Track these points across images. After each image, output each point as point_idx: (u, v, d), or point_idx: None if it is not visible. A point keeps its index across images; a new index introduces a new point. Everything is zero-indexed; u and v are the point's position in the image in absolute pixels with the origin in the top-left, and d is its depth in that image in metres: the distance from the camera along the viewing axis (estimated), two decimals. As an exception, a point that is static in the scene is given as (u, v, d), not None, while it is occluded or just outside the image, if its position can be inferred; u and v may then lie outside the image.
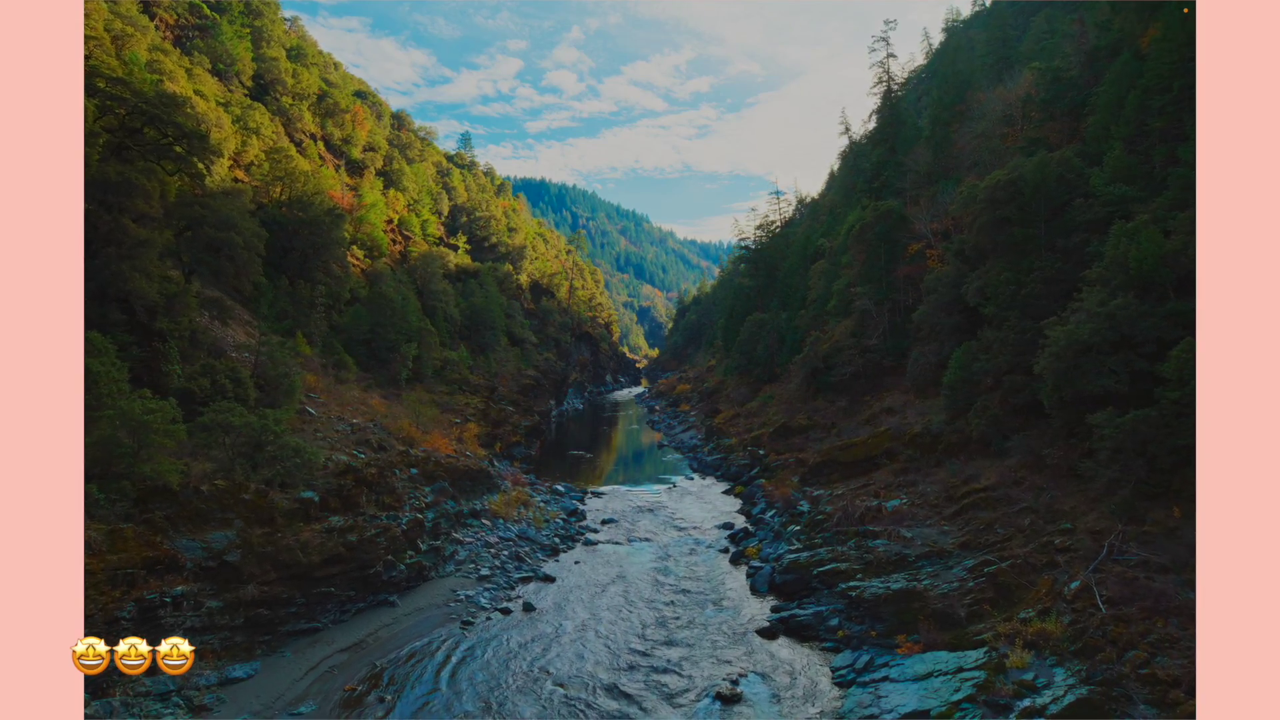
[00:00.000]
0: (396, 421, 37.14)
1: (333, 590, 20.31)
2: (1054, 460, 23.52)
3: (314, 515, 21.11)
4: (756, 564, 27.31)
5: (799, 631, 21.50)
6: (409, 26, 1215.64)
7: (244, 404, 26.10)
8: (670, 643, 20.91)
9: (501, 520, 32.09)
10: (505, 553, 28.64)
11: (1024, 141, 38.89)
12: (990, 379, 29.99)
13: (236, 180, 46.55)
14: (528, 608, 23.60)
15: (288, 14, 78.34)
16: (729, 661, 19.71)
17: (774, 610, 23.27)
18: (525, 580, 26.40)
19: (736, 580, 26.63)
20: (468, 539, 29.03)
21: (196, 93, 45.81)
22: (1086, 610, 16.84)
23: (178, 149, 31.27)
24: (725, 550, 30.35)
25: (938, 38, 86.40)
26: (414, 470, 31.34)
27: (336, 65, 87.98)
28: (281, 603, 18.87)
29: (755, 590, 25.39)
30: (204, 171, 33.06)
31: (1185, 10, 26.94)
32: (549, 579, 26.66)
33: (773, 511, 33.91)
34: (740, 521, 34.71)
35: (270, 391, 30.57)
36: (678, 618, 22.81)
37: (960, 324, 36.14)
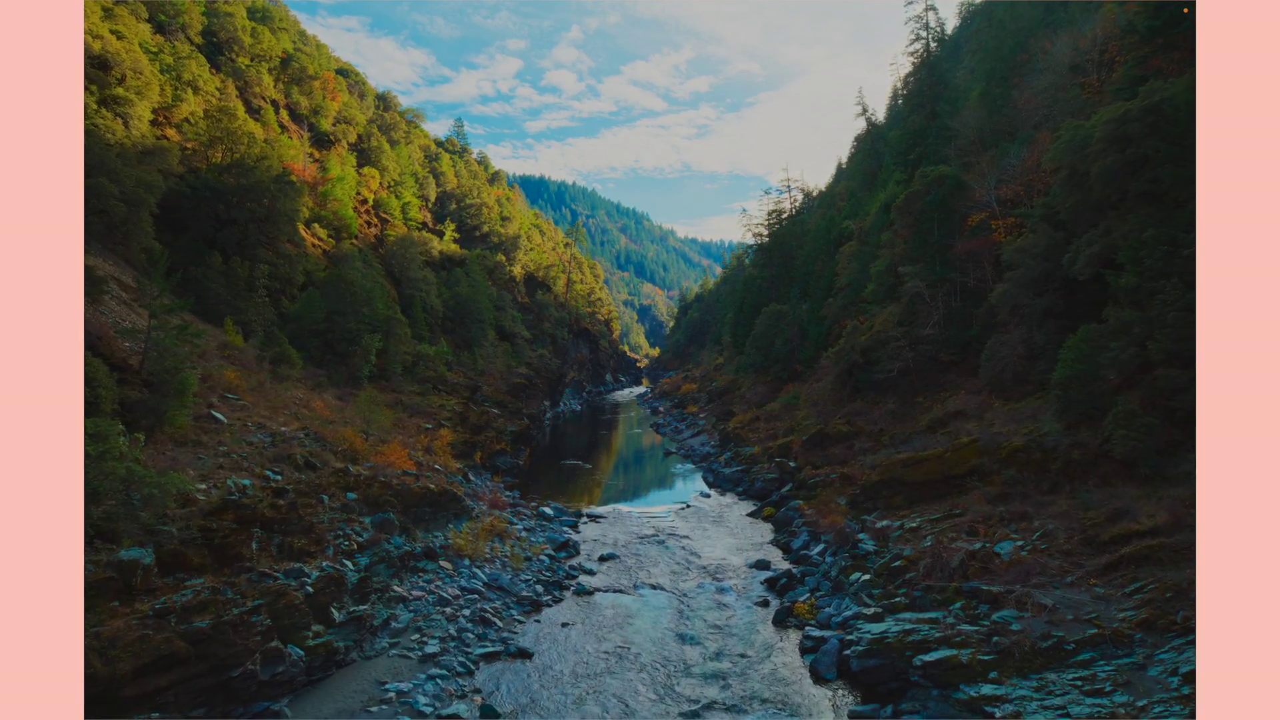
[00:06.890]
0: (340, 430, 29.47)
1: (157, 716, 12.59)
2: (1273, 493, 15.85)
3: (143, 586, 13.42)
4: (815, 631, 19.58)
5: (904, 764, 13.85)
6: (408, 26, 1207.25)
7: (91, 409, 18.44)
8: (707, 794, 13.21)
9: (467, 561, 24.39)
10: (466, 612, 20.91)
11: (1123, 82, 31.32)
12: (1117, 373, 22.38)
13: (162, 138, 38.90)
14: (488, 714, 15.89)
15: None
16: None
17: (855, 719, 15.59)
18: (490, 658, 18.67)
19: (788, 656, 18.95)
20: (416, 592, 21.29)
21: (113, 33, 38.16)
22: None
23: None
24: (763, 603, 22.69)
25: (952, 24, 78.51)
26: (352, 495, 23.71)
27: (320, 46, 79.42)
28: (50, 751, 11.25)
29: (818, 675, 17.69)
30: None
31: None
32: (524, 654, 18.95)
33: (821, 547, 26.25)
34: (778, 559, 27.01)
35: (158, 392, 22.99)
36: (713, 736, 15.10)
37: (1054, 305, 28.59)
